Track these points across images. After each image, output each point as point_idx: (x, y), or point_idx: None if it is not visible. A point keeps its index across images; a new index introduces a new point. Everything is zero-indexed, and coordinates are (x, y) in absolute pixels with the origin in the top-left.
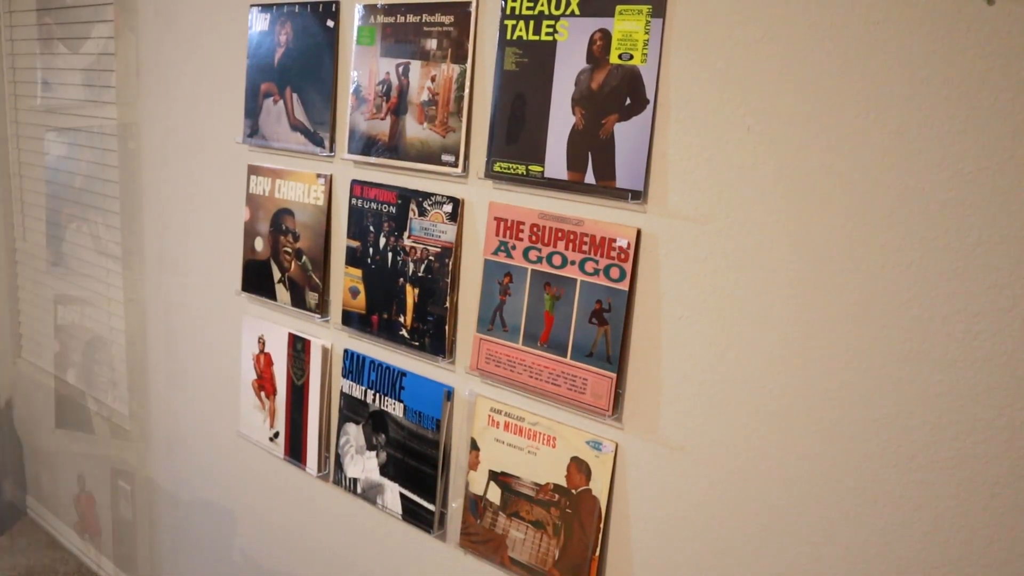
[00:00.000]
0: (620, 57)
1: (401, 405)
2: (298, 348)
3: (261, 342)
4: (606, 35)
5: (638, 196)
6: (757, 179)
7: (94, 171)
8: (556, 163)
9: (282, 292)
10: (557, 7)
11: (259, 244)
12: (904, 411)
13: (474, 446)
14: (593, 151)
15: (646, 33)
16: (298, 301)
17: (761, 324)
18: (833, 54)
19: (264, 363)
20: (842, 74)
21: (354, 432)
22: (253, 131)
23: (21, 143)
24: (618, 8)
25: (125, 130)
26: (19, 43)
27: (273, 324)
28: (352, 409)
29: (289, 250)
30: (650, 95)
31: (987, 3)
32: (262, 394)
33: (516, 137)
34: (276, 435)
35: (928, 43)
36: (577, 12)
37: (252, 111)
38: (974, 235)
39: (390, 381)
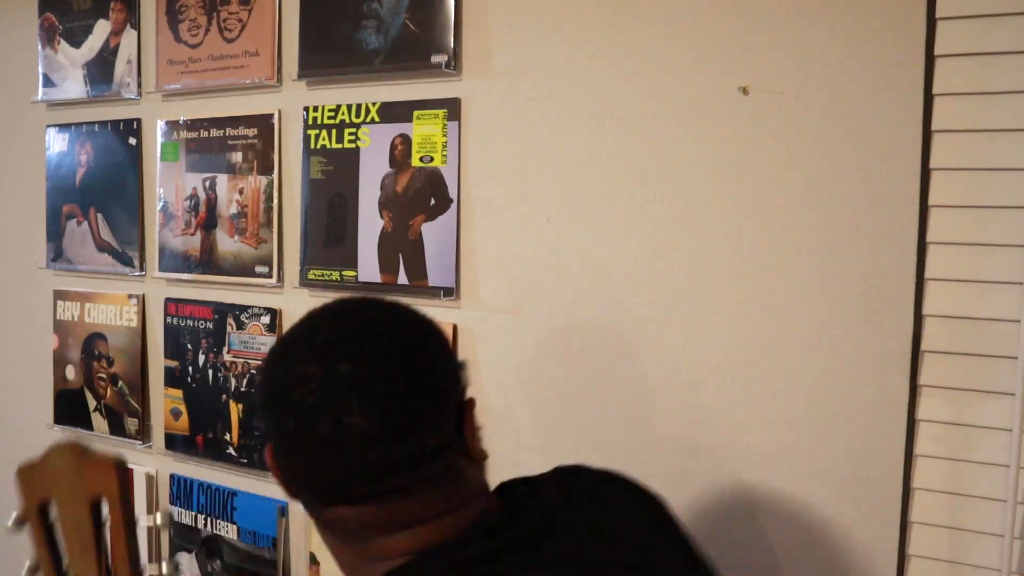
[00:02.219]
0: (421, 160)
1: (234, 527)
2: None
3: None
4: (406, 140)
5: (450, 292)
6: (560, 266)
7: None
8: (369, 267)
9: (99, 421)
10: (357, 115)
11: (70, 372)
12: None
13: (314, 560)
14: (403, 252)
15: (444, 136)
16: (117, 429)
17: (581, 405)
18: (616, 145)
19: None
20: (625, 161)
21: (187, 562)
22: (57, 255)
23: None
24: (415, 113)
25: None
26: None
27: None
28: (183, 537)
29: (104, 376)
30: (453, 194)
31: (743, 93)
32: None
33: (328, 244)
34: None
35: (695, 130)
36: (377, 119)
37: (55, 234)
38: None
39: (221, 503)
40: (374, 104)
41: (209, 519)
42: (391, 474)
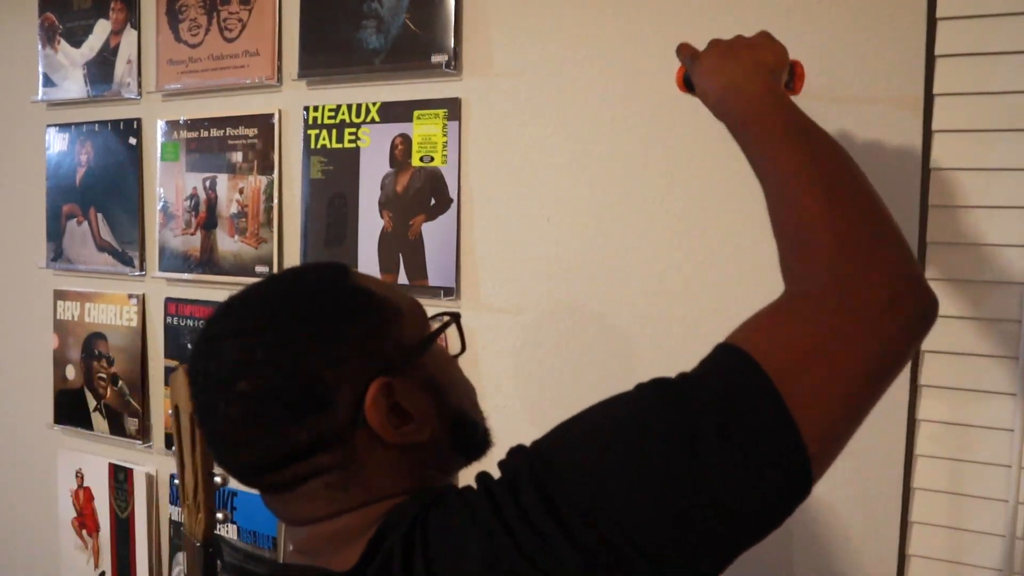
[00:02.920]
0: (422, 160)
1: (234, 527)
2: (120, 479)
3: (79, 476)
4: (407, 139)
5: (451, 292)
6: (560, 266)
7: None
8: (369, 267)
9: (99, 420)
10: (358, 115)
11: (71, 372)
12: None
13: None
14: (404, 252)
15: (444, 136)
16: (117, 429)
17: (581, 405)
18: (616, 145)
19: (84, 499)
20: (625, 161)
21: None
22: (57, 255)
23: None
24: (416, 113)
25: None
26: None
27: (91, 456)
28: (183, 537)
29: (104, 376)
30: (453, 194)
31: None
32: (84, 532)
33: (328, 244)
34: (103, 574)
35: (694, 130)
36: (377, 119)
37: (55, 234)
38: None
39: (221, 503)
40: (374, 104)
41: None
42: (267, 471)
